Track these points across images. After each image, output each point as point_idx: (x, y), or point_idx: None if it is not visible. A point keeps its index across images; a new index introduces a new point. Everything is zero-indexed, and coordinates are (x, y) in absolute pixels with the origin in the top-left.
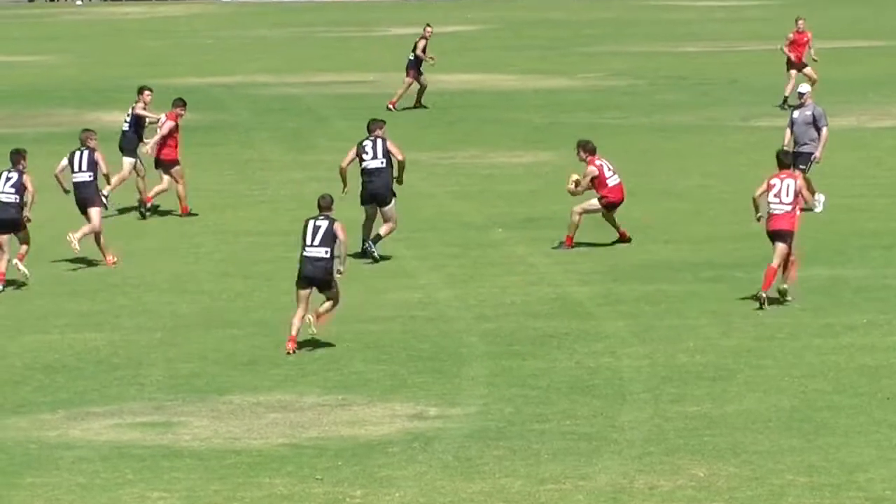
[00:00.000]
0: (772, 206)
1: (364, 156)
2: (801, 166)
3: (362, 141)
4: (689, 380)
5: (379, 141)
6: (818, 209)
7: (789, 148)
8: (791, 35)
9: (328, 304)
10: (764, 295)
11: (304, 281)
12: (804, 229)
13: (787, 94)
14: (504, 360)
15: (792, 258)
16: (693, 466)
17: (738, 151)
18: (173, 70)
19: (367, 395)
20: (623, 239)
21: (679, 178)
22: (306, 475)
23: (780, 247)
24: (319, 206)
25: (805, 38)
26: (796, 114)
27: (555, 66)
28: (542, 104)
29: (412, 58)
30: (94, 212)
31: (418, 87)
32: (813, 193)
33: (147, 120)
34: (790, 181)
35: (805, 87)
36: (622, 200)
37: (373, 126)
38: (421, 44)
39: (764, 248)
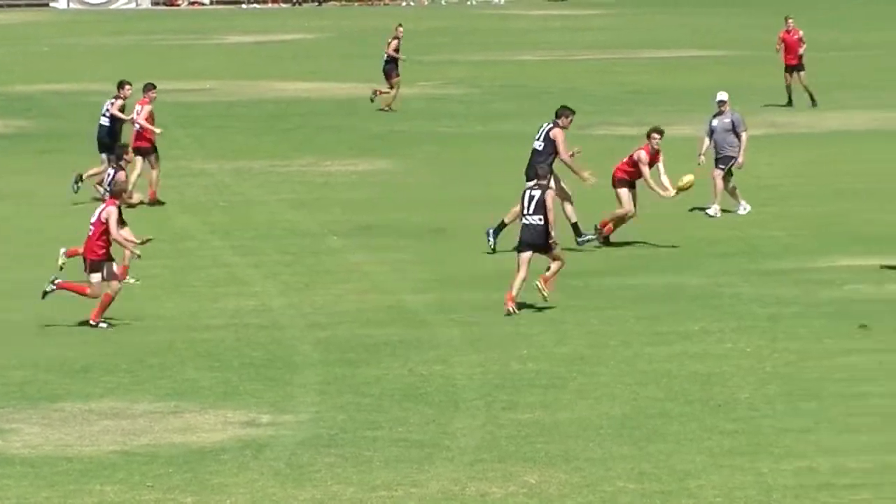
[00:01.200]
0: None
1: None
2: (720, 166)
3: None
4: (522, 387)
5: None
6: (741, 212)
7: (705, 155)
8: (781, 34)
9: (555, 266)
10: None
11: (524, 245)
12: (641, 237)
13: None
14: (337, 367)
15: None
16: (525, 473)
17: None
18: (7, 77)
19: (199, 403)
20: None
21: (516, 187)
22: (137, 482)
23: None
24: (530, 177)
25: (796, 37)
26: (716, 121)
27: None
28: (379, 112)
29: (387, 59)
30: None
31: (390, 91)
32: (738, 199)
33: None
34: None
35: (723, 95)
36: None
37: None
38: (393, 44)
39: (596, 259)
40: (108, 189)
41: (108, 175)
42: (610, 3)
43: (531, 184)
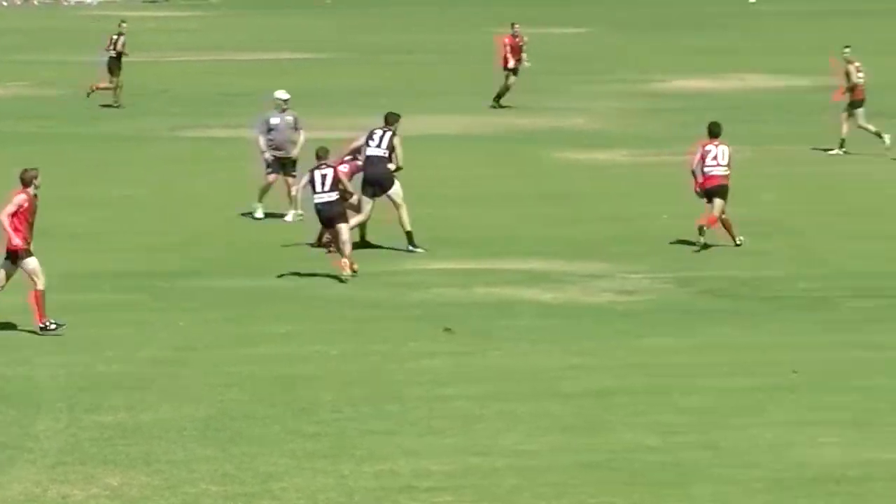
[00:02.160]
0: (708, 168)
1: (370, 142)
2: (293, 174)
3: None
4: (107, 389)
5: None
6: (288, 219)
7: (271, 155)
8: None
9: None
10: (703, 228)
11: (327, 222)
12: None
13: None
14: None
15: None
16: (107, 476)
17: (165, 161)
18: None
19: None
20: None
21: (106, 188)
22: None
23: (718, 202)
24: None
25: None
26: (276, 119)
27: None
28: None
29: (113, 55)
30: None
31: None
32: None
33: None
34: (724, 147)
35: (284, 94)
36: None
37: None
38: (120, 40)
39: (183, 261)
40: None
41: None
42: (204, 5)
43: (318, 164)
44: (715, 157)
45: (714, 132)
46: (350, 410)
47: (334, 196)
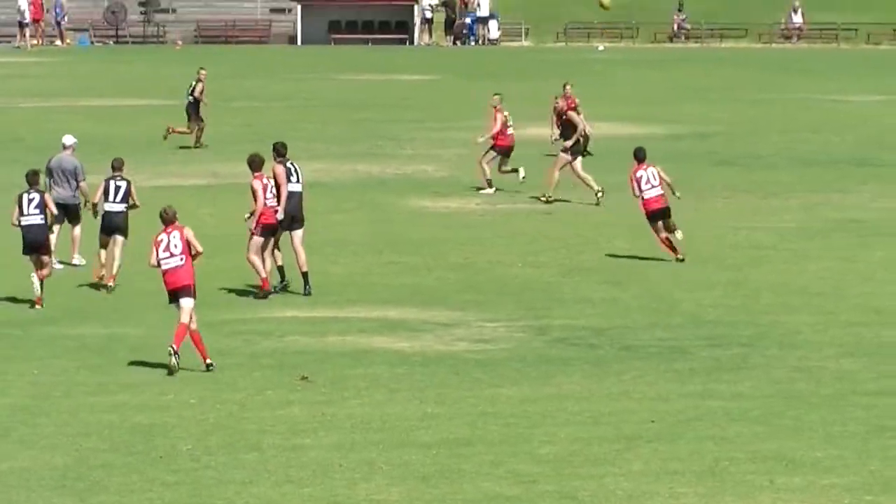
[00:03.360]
0: (645, 192)
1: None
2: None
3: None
4: None
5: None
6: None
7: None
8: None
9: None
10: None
11: (109, 231)
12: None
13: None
14: None
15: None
16: None
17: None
18: None
19: None
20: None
21: None
22: None
23: (664, 223)
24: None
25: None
26: (55, 162)
27: None
28: None
29: (191, 100)
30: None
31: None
32: None
33: None
34: (652, 168)
35: (69, 140)
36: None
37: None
38: (199, 87)
39: (37, 309)
40: None
41: None
42: (52, 50)
43: (113, 175)
44: (648, 181)
45: (639, 157)
46: (208, 459)
47: (122, 207)
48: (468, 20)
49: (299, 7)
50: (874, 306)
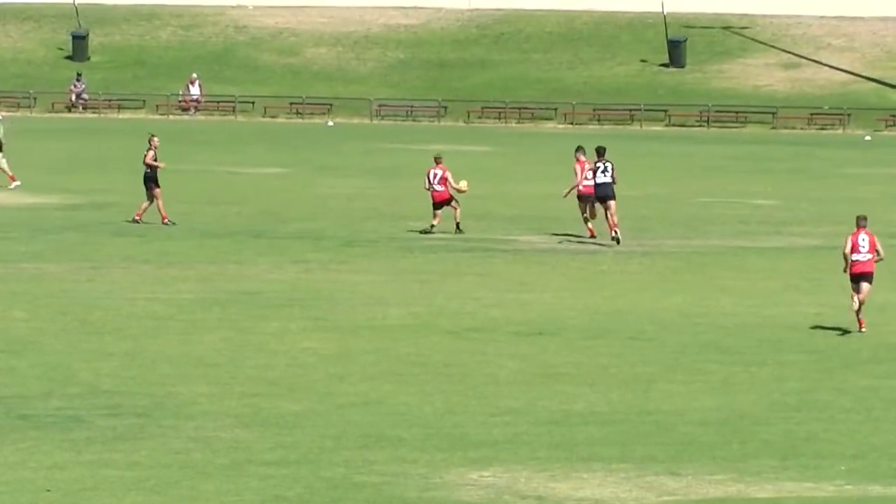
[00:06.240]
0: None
1: None
2: None
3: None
4: None
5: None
6: None
7: None
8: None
9: None
10: None
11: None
12: None
13: None
14: None
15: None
16: None
17: None
18: None
19: None
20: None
21: None
22: None
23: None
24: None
25: None
26: None
27: None
28: None
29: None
30: None
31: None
32: None
33: None
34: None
35: None
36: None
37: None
38: (150, 154)
39: None
40: None
41: None
42: None
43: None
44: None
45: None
46: None
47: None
48: None
49: None
50: (269, 378)
